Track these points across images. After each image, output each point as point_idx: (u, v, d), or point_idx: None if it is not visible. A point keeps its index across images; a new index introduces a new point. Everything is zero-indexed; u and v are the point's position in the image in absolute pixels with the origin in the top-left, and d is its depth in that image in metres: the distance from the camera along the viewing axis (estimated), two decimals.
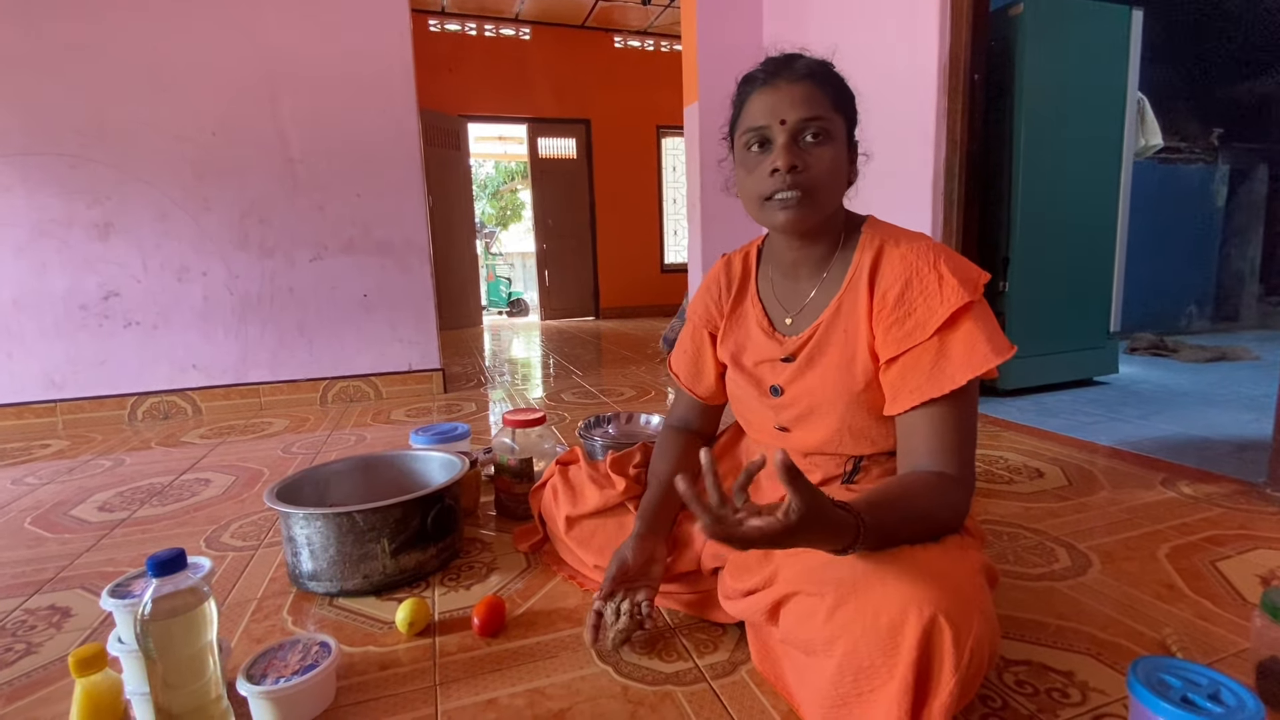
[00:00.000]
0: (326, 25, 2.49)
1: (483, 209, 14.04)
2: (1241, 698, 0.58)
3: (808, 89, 0.76)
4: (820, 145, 0.76)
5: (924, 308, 0.74)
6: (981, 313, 0.74)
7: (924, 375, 0.74)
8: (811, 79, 0.77)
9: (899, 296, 0.76)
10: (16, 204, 2.24)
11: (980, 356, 0.72)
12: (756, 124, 0.78)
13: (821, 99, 0.76)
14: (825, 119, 0.76)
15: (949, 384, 0.72)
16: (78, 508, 1.53)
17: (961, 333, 0.73)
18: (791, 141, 0.76)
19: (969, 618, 0.58)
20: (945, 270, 0.74)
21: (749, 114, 0.79)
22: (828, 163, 0.76)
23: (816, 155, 0.76)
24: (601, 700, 0.78)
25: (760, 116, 0.77)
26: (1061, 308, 2.36)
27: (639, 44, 6.39)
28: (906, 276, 0.76)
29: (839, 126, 0.78)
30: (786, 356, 0.87)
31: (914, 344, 0.75)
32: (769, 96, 0.77)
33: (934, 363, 0.73)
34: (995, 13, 2.14)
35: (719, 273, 0.99)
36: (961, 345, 0.73)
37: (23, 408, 2.32)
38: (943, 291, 0.74)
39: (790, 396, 0.87)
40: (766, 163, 0.77)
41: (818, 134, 0.76)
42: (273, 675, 0.75)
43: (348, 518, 1.01)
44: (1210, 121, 4.11)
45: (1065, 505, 1.34)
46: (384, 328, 2.71)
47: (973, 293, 0.73)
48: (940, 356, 0.73)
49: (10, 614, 1.04)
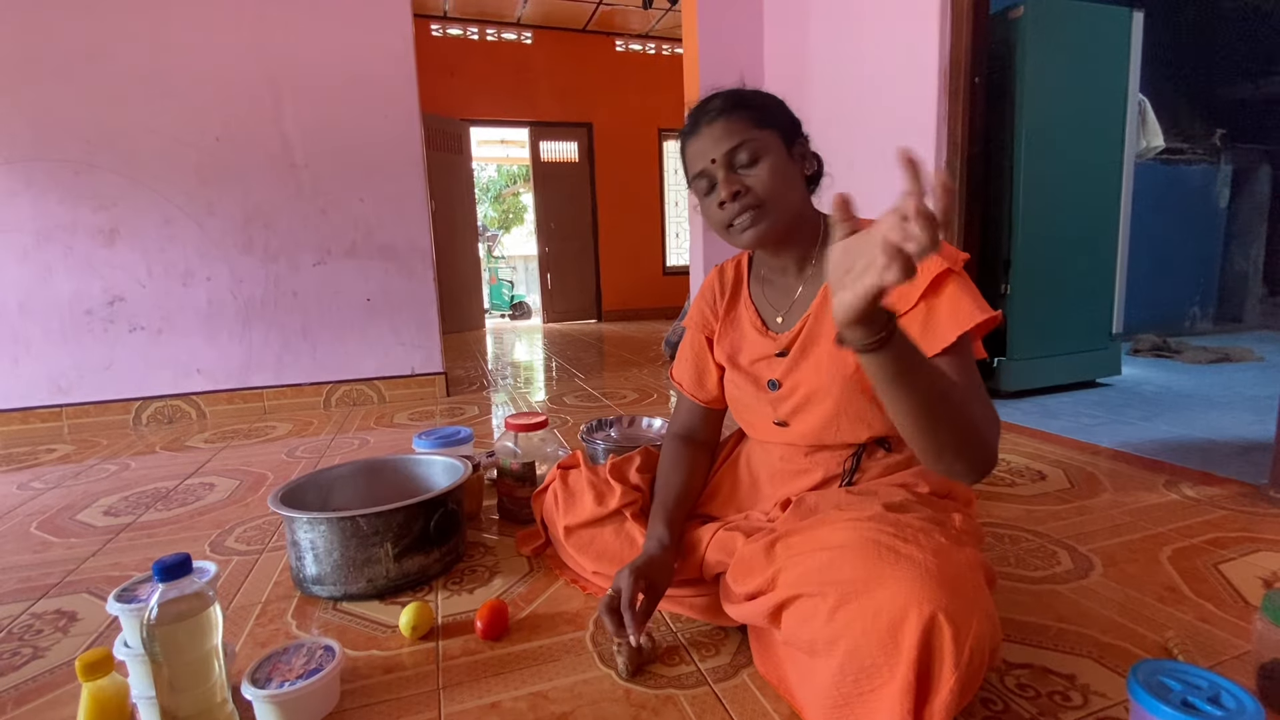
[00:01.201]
0: (329, 31, 2.50)
1: (485, 212, 14.07)
2: (1241, 701, 0.58)
3: (724, 124, 0.83)
4: (754, 164, 0.83)
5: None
6: (963, 279, 0.77)
7: (916, 338, 0.73)
8: (724, 113, 0.84)
9: None
10: (22, 209, 2.26)
11: (966, 313, 0.74)
12: (695, 171, 0.86)
13: (740, 125, 0.83)
14: (750, 139, 0.82)
15: (940, 342, 0.74)
16: (83, 512, 1.54)
17: (946, 295, 0.76)
18: (728, 172, 0.83)
19: (969, 616, 0.58)
20: None
21: (689, 164, 0.88)
22: (767, 176, 0.82)
23: (754, 174, 0.83)
24: (604, 704, 0.78)
25: (697, 163, 0.86)
26: (1063, 309, 2.36)
27: (640, 48, 6.40)
28: None
29: (767, 139, 0.84)
30: (781, 351, 0.91)
31: (901, 312, 0.77)
32: (697, 143, 0.86)
33: (924, 324, 0.76)
34: (995, 15, 2.14)
35: (713, 280, 1.05)
36: (947, 305, 0.75)
37: (28, 412, 2.33)
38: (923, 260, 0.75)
39: (787, 388, 0.89)
40: (715, 199, 0.85)
41: (747, 156, 0.83)
42: (277, 679, 0.76)
43: (351, 522, 1.02)
44: (1212, 122, 4.10)
45: (1067, 507, 1.34)
46: (387, 331, 2.71)
47: (952, 263, 0.77)
48: (929, 318, 0.76)
49: (17, 618, 1.05)
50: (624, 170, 6.47)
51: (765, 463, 0.98)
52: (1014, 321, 2.25)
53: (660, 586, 0.87)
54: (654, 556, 0.89)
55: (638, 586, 0.83)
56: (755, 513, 0.95)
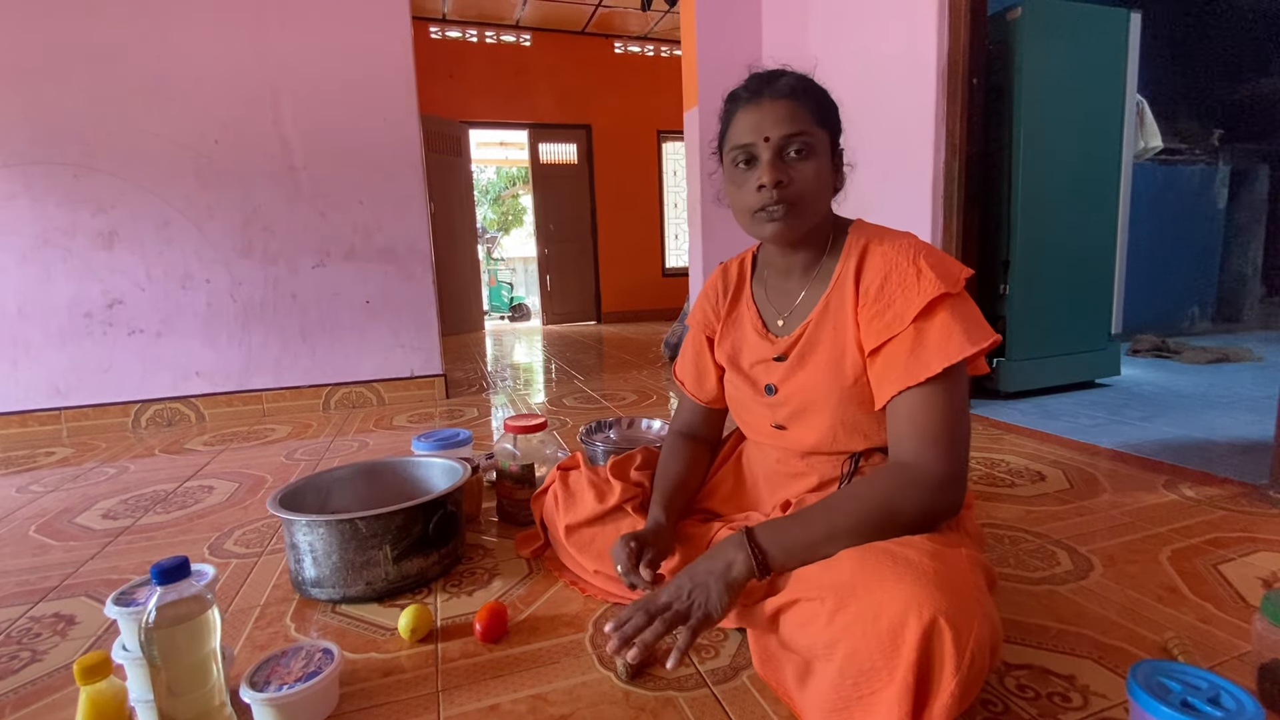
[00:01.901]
0: (328, 33, 2.50)
1: (484, 214, 14.07)
2: (1241, 701, 0.58)
3: (790, 106, 0.79)
4: (804, 160, 0.80)
5: (902, 299, 0.77)
6: (960, 304, 0.76)
7: (902, 364, 0.76)
8: (793, 96, 0.80)
9: (879, 289, 0.80)
10: (21, 213, 2.25)
11: (955, 345, 0.74)
12: (742, 141, 0.81)
13: (804, 115, 0.79)
14: (808, 134, 0.79)
15: (925, 371, 0.74)
16: (82, 515, 1.53)
17: (937, 322, 0.75)
18: (776, 157, 0.79)
19: (969, 619, 0.58)
20: (924, 264, 0.77)
21: (735, 131, 0.83)
22: (811, 176, 0.80)
23: (800, 170, 0.80)
24: (603, 706, 0.78)
25: (745, 134, 0.81)
26: (1062, 310, 2.36)
27: (639, 49, 6.41)
28: (886, 271, 0.80)
29: (822, 140, 0.81)
30: (779, 356, 0.90)
31: (893, 334, 0.77)
32: (753, 114, 0.80)
33: (911, 351, 0.76)
34: (993, 16, 2.15)
35: (716, 279, 1.03)
36: (937, 334, 0.75)
37: (27, 415, 2.33)
38: (920, 283, 0.76)
39: (784, 394, 0.89)
40: (753, 178, 0.80)
41: (801, 149, 0.79)
42: (276, 682, 0.75)
43: (350, 524, 1.02)
44: (1211, 122, 4.11)
45: (1067, 508, 1.34)
46: (386, 333, 2.71)
47: (951, 286, 0.76)
48: (917, 345, 0.76)
49: (15, 622, 1.05)
50: (623, 172, 6.48)
51: (763, 464, 0.98)
52: (1013, 322, 2.25)
53: (656, 549, 0.88)
54: (649, 529, 0.91)
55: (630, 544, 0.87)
56: (756, 514, 0.95)
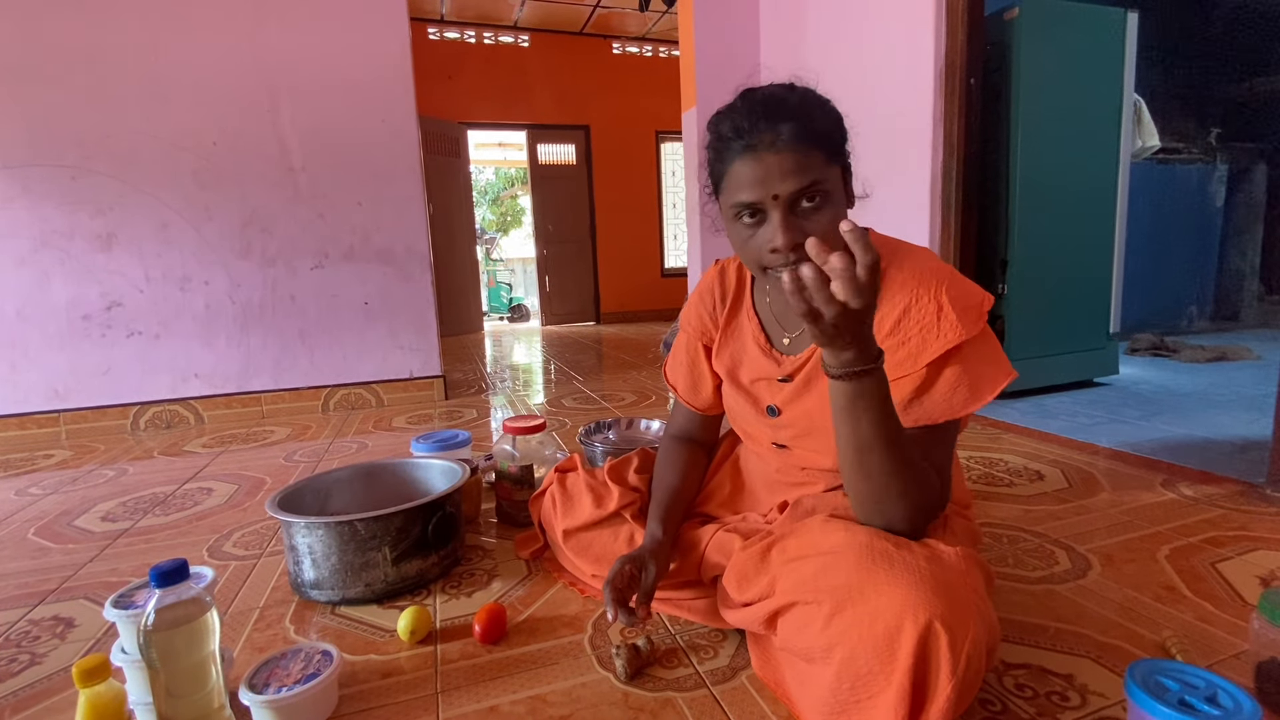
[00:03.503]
0: (326, 35, 2.50)
1: (483, 215, 14.07)
2: (1238, 700, 0.58)
3: (796, 158, 0.69)
4: (819, 209, 0.71)
5: (918, 339, 0.73)
6: (974, 351, 0.73)
7: (902, 405, 0.74)
8: (799, 143, 0.69)
9: (895, 324, 0.74)
10: (19, 215, 2.25)
11: (960, 400, 0.73)
12: (746, 200, 0.71)
13: (815, 160, 0.70)
14: (820, 182, 0.70)
15: (926, 420, 0.73)
16: (81, 518, 1.53)
17: (949, 374, 0.73)
18: (789, 216, 0.70)
19: (965, 622, 0.58)
20: (945, 301, 0.72)
21: (734, 184, 0.73)
22: (827, 223, 0.70)
23: (815, 221, 0.71)
24: (603, 707, 0.78)
25: (748, 191, 0.71)
26: (1061, 309, 2.36)
27: (637, 50, 6.41)
28: (906, 304, 0.74)
29: (835, 178, 0.73)
30: (784, 377, 0.86)
31: (902, 375, 0.74)
32: (754, 168, 0.70)
33: (914, 396, 0.74)
34: (991, 17, 2.15)
35: (713, 282, 0.97)
36: (946, 386, 0.73)
37: (26, 418, 2.33)
38: (940, 325, 0.72)
39: (788, 418, 0.86)
40: (762, 236, 0.72)
41: (814, 198, 0.70)
42: (275, 684, 0.75)
43: (349, 526, 1.02)
44: (1208, 121, 4.11)
45: (1065, 507, 1.34)
46: (385, 335, 2.71)
47: (971, 326, 0.72)
48: (923, 392, 0.74)
49: (14, 625, 1.05)
50: (622, 172, 6.47)
51: (762, 472, 0.97)
52: (1011, 321, 2.25)
53: (654, 572, 0.86)
54: (647, 548, 0.89)
55: (626, 570, 0.84)
56: (753, 515, 0.95)
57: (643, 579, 0.86)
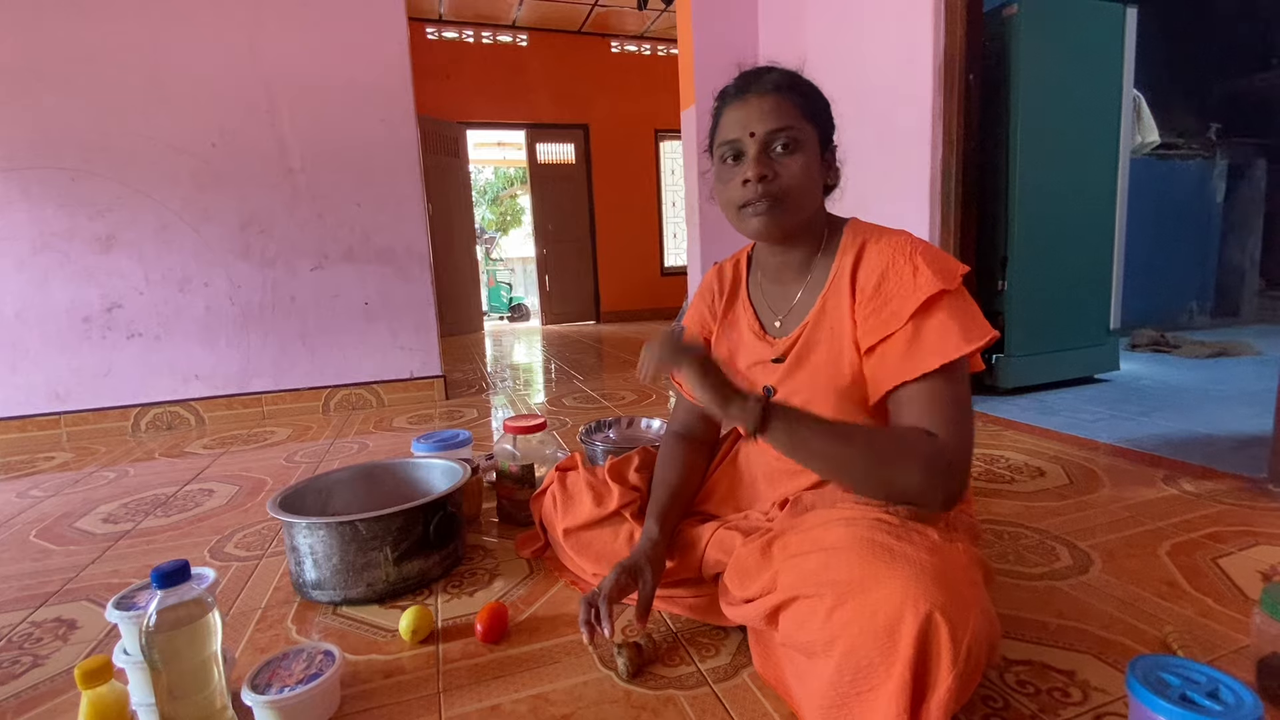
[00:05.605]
0: (325, 35, 2.50)
1: (483, 215, 14.07)
2: (1240, 695, 0.58)
3: (776, 101, 0.80)
4: (790, 154, 0.80)
5: (899, 296, 0.77)
6: (957, 301, 0.76)
7: (898, 360, 0.76)
8: (779, 91, 0.80)
9: (876, 287, 0.79)
10: (18, 218, 2.25)
11: (952, 343, 0.73)
12: (729, 137, 0.82)
13: (790, 109, 0.80)
14: (794, 128, 0.80)
15: (921, 367, 0.74)
16: (82, 520, 1.53)
17: (935, 320, 0.75)
18: (761, 152, 0.80)
19: (965, 614, 0.58)
20: (920, 261, 0.77)
21: (723, 128, 0.84)
22: (797, 171, 0.80)
23: (786, 164, 0.80)
24: (604, 705, 0.78)
25: (732, 130, 0.82)
26: (1061, 305, 2.36)
27: (636, 49, 6.40)
28: (883, 268, 0.79)
29: (809, 134, 0.81)
30: (777, 358, 0.89)
31: (890, 332, 0.77)
32: (740, 110, 0.81)
33: (907, 348, 0.75)
34: (989, 13, 2.14)
35: (712, 279, 1.03)
36: (935, 332, 0.75)
37: (26, 420, 2.33)
38: (917, 280, 0.76)
39: (782, 395, 0.88)
40: (739, 173, 0.81)
41: (787, 144, 0.80)
42: (277, 685, 0.76)
43: (350, 526, 1.02)
44: (1208, 117, 4.11)
45: (1066, 504, 1.34)
46: (385, 335, 2.71)
47: (948, 282, 0.75)
48: (914, 342, 0.75)
49: (16, 627, 1.05)
50: (621, 171, 6.47)
51: (762, 462, 0.98)
52: (1011, 318, 2.25)
53: (651, 580, 0.87)
54: (644, 552, 0.90)
55: (620, 581, 0.85)
56: (754, 512, 0.95)
57: (640, 589, 0.87)
